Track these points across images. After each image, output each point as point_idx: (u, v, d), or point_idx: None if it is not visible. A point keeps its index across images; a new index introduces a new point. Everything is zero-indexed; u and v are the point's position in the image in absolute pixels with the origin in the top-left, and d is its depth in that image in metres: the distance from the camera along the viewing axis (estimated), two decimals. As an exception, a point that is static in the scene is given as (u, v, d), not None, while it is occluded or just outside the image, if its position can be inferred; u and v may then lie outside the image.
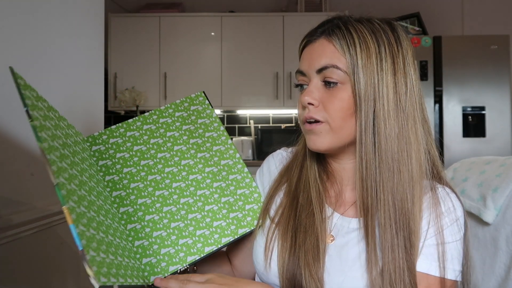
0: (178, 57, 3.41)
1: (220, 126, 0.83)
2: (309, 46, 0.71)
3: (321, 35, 0.69)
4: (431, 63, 2.93)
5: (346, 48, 0.65)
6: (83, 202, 0.56)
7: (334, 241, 0.69)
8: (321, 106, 0.68)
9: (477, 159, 1.09)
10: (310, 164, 0.76)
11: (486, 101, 2.91)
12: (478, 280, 0.91)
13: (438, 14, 3.54)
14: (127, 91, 3.30)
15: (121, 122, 0.81)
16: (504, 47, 2.89)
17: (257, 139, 3.49)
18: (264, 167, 0.85)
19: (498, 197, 0.88)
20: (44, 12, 0.93)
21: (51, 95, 0.95)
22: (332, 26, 0.69)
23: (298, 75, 0.72)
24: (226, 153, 0.81)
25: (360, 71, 0.65)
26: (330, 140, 0.68)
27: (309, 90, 0.68)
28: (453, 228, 0.66)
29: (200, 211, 0.75)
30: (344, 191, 0.74)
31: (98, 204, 0.62)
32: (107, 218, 0.64)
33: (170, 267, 0.69)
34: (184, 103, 0.84)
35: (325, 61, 0.67)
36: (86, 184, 0.62)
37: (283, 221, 0.71)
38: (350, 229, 0.69)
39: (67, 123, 0.72)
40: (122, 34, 3.40)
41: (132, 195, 0.74)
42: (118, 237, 0.65)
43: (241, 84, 3.41)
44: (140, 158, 0.77)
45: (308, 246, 0.66)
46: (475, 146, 2.91)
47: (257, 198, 0.78)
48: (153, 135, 0.79)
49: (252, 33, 3.42)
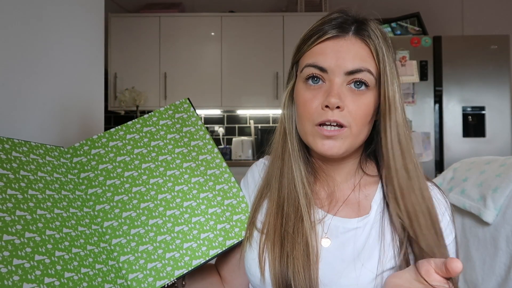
0: (178, 57, 3.41)
1: (206, 134, 0.80)
2: (333, 41, 0.65)
3: (348, 32, 0.65)
4: (431, 63, 2.92)
5: (381, 53, 0.64)
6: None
7: (330, 243, 0.68)
8: (346, 110, 0.64)
9: (477, 159, 1.09)
10: (295, 166, 0.71)
11: (486, 101, 2.91)
12: (478, 280, 0.91)
13: (438, 14, 3.54)
14: (127, 91, 3.30)
15: (103, 132, 0.77)
16: (504, 47, 2.89)
17: (257, 139, 3.49)
18: (249, 176, 0.83)
19: (498, 197, 0.88)
20: (44, 12, 0.93)
21: (51, 95, 0.95)
22: (357, 23, 0.66)
23: (314, 69, 0.65)
24: (212, 163, 0.78)
25: (388, 77, 0.64)
26: (348, 145, 0.66)
27: (337, 92, 0.63)
28: (450, 227, 0.67)
29: (187, 223, 0.72)
30: (336, 191, 0.73)
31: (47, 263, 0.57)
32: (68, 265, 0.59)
33: (157, 282, 0.67)
34: (168, 111, 0.81)
35: (359, 64, 0.63)
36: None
37: (270, 231, 0.69)
38: (346, 229, 0.68)
39: (28, 147, 0.67)
40: (122, 34, 3.40)
41: (116, 208, 0.71)
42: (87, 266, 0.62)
43: (241, 84, 3.41)
44: (124, 169, 0.74)
45: (297, 254, 0.65)
46: (475, 146, 2.90)
47: (245, 208, 0.76)
48: (137, 144, 0.76)
49: (252, 33, 3.42)
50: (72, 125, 1.02)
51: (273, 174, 0.74)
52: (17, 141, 0.65)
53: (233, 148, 3.46)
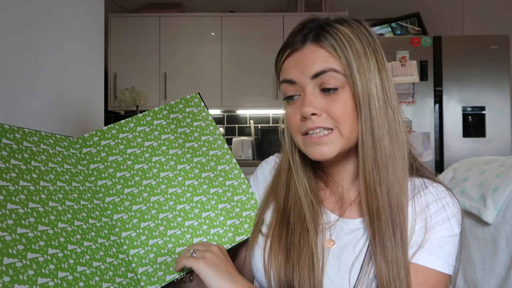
0: (178, 57, 3.41)
1: (216, 129, 0.80)
2: (294, 55, 0.67)
3: (305, 42, 0.66)
4: (431, 63, 2.92)
5: (340, 51, 0.64)
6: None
7: (335, 245, 0.68)
8: (324, 114, 0.65)
9: (477, 159, 1.09)
10: (298, 181, 0.72)
11: (486, 101, 2.91)
12: (478, 280, 0.91)
13: (438, 14, 3.54)
14: (127, 91, 3.30)
15: (113, 123, 0.77)
16: (504, 47, 2.89)
17: (257, 139, 3.49)
18: (259, 173, 0.83)
19: (498, 197, 0.88)
20: (44, 12, 0.93)
21: (51, 95, 0.95)
22: (315, 30, 0.66)
23: (286, 85, 0.68)
24: (222, 158, 0.78)
25: (356, 72, 0.64)
26: (340, 146, 0.66)
27: (308, 100, 0.65)
28: (450, 223, 0.66)
29: (197, 218, 0.72)
30: (344, 193, 0.73)
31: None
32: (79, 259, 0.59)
33: (167, 276, 0.67)
34: (179, 105, 0.80)
35: (320, 66, 0.64)
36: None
37: (275, 239, 0.70)
38: (349, 230, 0.69)
39: (39, 136, 0.66)
40: (122, 34, 3.40)
41: (127, 201, 0.71)
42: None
43: (241, 84, 3.41)
44: (134, 162, 0.74)
45: (303, 265, 0.65)
46: (475, 146, 2.90)
47: (254, 204, 0.76)
48: (147, 137, 0.76)
49: (252, 33, 3.41)
50: (72, 125, 1.02)
51: (279, 182, 0.75)
52: (27, 130, 0.64)
53: (233, 148, 3.46)
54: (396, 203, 0.64)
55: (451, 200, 0.68)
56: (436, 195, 0.68)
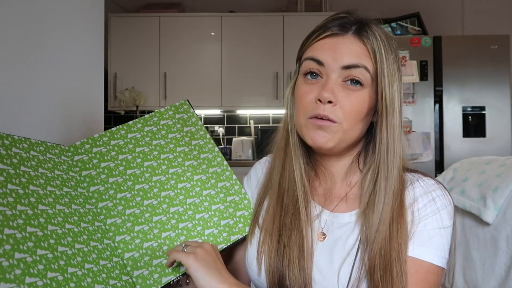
0: (178, 57, 3.41)
1: (206, 134, 0.82)
2: (331, 38, 0.67)
3: (347, 31, 0.67)
4: (431, 63, 2.92)
5: (378, 53, 0.66)
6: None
7: (326, 238, 0.69)
8: (338, 105, 0.66)
9: (477, 159, 1.09)
10: (295, 160, 0.72)
11: (486, 101, 2.91)
12: (478, 280, 0.91)
13: (438, 14, 3.54)
14: (127, 91, 3.30)
15: (104, 131, 0.79)
16: (504, 47, 2.89)
17: (257, 139, 3.49)
18: (252, 174, 0.84)
19: (498, 197, 0.88)
20: (44, 12, 0.93)
21: (51, 95, 0.95)
22: (358, 24, 0.68)
23: (312, 63, 0.68)
24: (213, 161, 0.80)
25: (386, 78, 0.66)
26: (338, 139, 0.67)
27: (331, 87, 0.65)
28: (441, 215, 0.67)
29: (190, 220, 0.73)
30: (333, 187, 0.74)
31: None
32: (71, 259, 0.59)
33: (162, 278, 0.68)
34: (168, 111, 0.82)
35: (356, 60, 0.65)
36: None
37: (269, 222, 0.71)
38: (340, 224, 0.69)
39: (28, 143, 0.66)
40: (122, 34, 3.40)
41: (120, 205, 0.72)
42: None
43: (241, 84, 3.41)
44: (126, 167, 0.75)
45: (293, 245, 0.67)
46: (475, 146, 2.90)
47: (247, 204, 0.78)
48: (139, 143, 0.78)
49: (252, 33, 3.41)
50: (72, 124, 1.02)
51: (275, 167, 0.76)
52: (17, 137, 0.65)
53: (233, 148, 3.46)
54: (395, 199, 0.66)
55: (441, 193, 0.69)
56: (426, 188, 0.69)
